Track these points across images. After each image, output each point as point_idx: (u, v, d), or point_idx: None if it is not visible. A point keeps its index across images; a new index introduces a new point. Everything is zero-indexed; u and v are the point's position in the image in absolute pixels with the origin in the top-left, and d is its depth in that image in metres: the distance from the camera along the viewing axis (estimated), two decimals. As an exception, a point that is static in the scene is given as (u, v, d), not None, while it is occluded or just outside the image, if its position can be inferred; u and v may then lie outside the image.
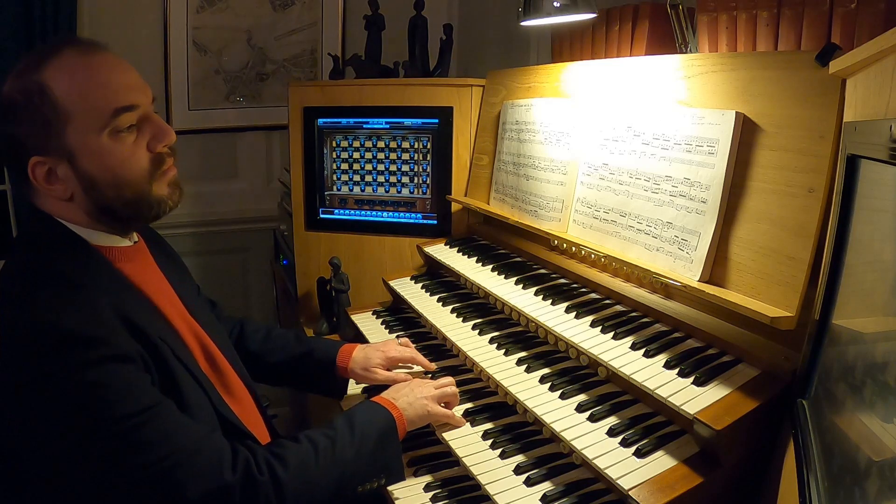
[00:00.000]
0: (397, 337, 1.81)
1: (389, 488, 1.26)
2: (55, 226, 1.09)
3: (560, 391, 1.28)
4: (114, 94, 1.06)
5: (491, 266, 1.78)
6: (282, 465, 1.08)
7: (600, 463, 1.09)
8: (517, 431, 1.33)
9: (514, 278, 1.66)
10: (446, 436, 1.34)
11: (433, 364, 1.59)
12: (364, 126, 2.22)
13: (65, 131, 1.03)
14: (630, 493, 1.01)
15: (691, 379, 1.12)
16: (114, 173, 1.07)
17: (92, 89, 1.04)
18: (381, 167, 2.23)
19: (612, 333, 1.30)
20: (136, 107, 1.08)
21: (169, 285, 1.24)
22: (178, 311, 1.21)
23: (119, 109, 1.06)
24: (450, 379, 1.45)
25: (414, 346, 1.64)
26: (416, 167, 2.19)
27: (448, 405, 1.39)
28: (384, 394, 1.36)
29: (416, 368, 1.58)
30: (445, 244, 2.05)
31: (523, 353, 1.44)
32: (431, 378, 1.48)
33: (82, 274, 1.04)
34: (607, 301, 1.46)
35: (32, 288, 0.99)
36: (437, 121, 2.13)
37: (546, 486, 1.17)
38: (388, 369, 1.54)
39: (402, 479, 1.27)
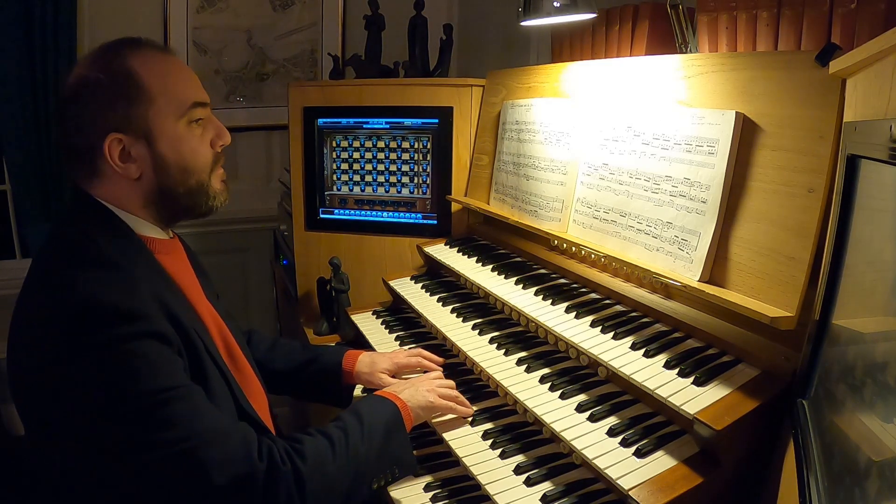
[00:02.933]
0: (397, 338, 1.81)
1: (389, 488, 1.26)
2: (103, 211, 1.13)
3: (560, 391, 1.28)
4: (192, 88, 1.17)
5: (491, 266, 1.78)
6: (301, 459, 1.08)
7: (600, 463, 1.09)
8: (517, 431, 1.33)
9: (514, 278, 1.66)
10: (446, 436, 1.34)
11: (440, 359, 1.58)
12: (364, 126, 2.22)
13: (147, 113, 1.11)
14: (630, 493, 1.01)
15: (691, 379, 1.12)
16: (184, 159, 1.16)
17: (174, 80, 1.14)
18: (381, 167, 2.23)
19: (612, 333, 1.30)
20: (207, 104, 1.20)
21: (198, 282, 1.28)
22: (206, 307, 1.25)
23: (196, 103, 1.17)
24: (450, 382, 1.44)
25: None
26: (416, 167, 2.19)
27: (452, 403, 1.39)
28: (385, 389, 1.38)
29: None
30: (445, 244, 2.05)
31: (523, 353, 1.44)
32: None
33: (125, 259, 1.07)
34: (607, 301, 1.46)
35: (76, 268, 1.01)
36: (437, 121, 2.13)
37: (546, 486, 1.17)
38: (395, 377, 1.54)
39: (415, 470, 1.27)
